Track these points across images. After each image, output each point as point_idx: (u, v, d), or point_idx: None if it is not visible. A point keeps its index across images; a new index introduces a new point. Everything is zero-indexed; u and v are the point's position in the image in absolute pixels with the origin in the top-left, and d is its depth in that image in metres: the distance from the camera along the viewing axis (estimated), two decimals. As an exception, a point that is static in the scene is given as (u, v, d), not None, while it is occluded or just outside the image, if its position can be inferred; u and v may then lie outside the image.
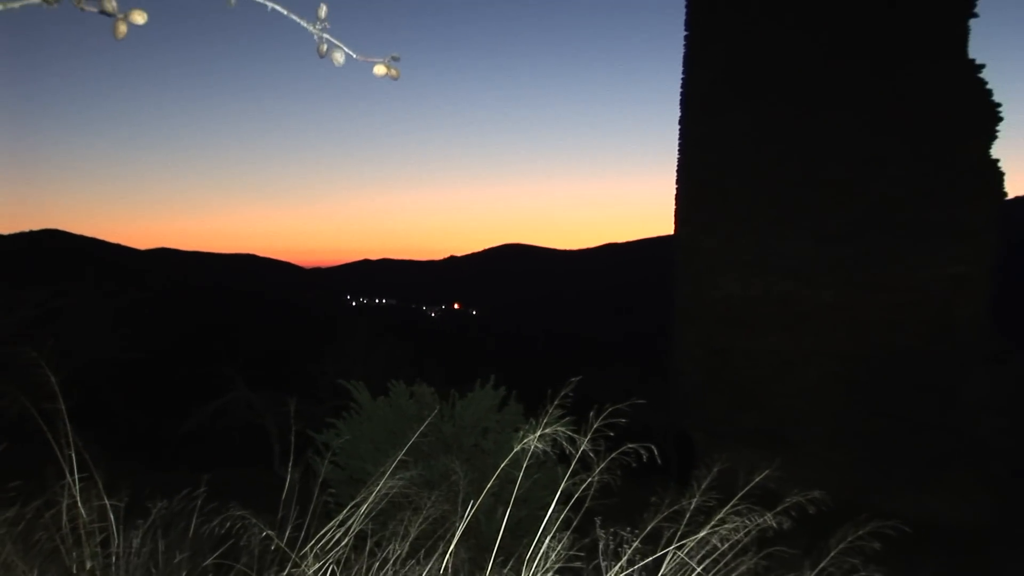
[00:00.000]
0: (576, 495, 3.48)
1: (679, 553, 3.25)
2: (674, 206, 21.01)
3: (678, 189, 20.88)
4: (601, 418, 3.55)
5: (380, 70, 2.07)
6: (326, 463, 5.32)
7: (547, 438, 3.54)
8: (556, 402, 3.70)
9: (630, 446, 3.55)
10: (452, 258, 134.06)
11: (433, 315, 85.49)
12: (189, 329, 44.21)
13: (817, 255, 18.75)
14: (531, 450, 3.52)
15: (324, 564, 3.28)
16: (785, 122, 19.00)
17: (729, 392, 19.40)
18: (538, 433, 3.53)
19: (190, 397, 26.81)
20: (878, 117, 18.42)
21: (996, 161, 18.26)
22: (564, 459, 3.59)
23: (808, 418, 18.56)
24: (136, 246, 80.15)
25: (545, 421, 3.56)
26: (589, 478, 3.49)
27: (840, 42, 18.73)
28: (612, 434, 3.53)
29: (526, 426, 3.62)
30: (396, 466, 3.77)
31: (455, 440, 8.14)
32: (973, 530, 15.86)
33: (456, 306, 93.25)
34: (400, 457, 3.91)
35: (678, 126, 20.86)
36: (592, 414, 3.57)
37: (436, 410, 7.72)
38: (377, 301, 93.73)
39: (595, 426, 3.53)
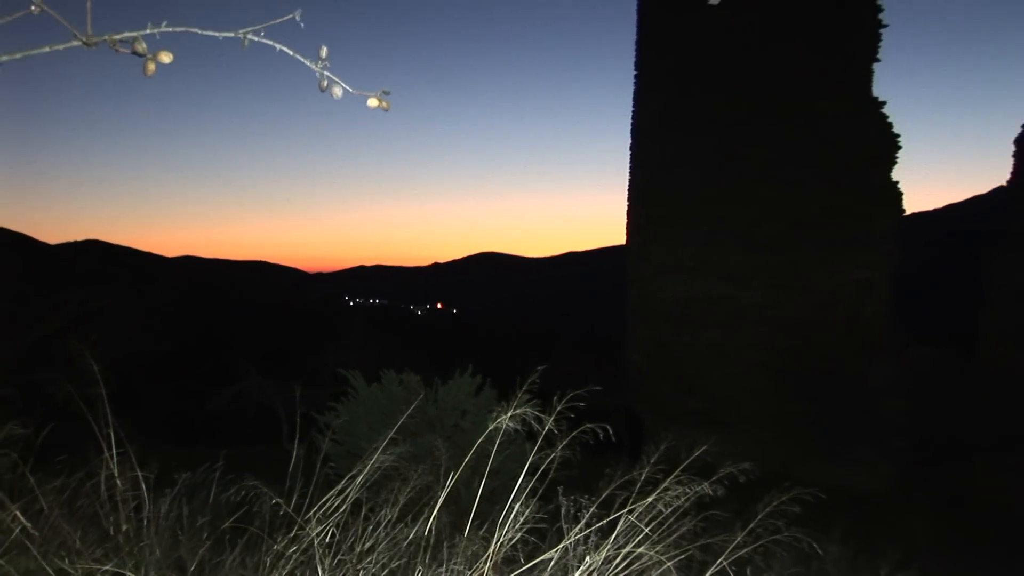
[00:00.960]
0: (542, 468, 3.48)
1: (630, 517, 3.25)
2: (626, 220, 21.04)
3: (629, 205, 20.91)
4: (563, 402, 3.55)
5: (373, 102, 2.06)
6: (327, 440, 5.29)
7: (517, 418, 3.54)
8: (524, 388, 3.69)
9: (588, 425, 3.55)
10: (435, 264, 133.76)
11: (419, 313, 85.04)
12: (209, 325, 43.83)
13: (746, 262, 18.85)
14: (503, 429, 3.52)
15: (325, 527, 3.27)
16: (720, 150, 19.08)
17: (673, 379, 19.44)
18: (509, 414, 3.52)
19: (210, 384, 26.65)
20: (798, 146, 18.56)
21: (896, 183, 18.46)
22: (531, 437, 3.58)
23: (739, 401, 18.64)
24: (164, 254, 79.06)
25: (515, 404, 3.55)
26: (553, 453, 3.49)
27: (767, 83, 18.85)
28: (572, 415, 3.54)
29: (499, 408, 3.60)
30: (387, 443, 3.76)
31: (438, 420, 8.12)
32: (876, 494, 15.98)
33: (439, 305, 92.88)
34: (391, 435, 3.90)
35: (629, 152, 20.90)
36: (555, 398, 3.57)
37: (421, 395, 7.70)
38: (371, 301, 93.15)
39: (558, 408, 3.53)
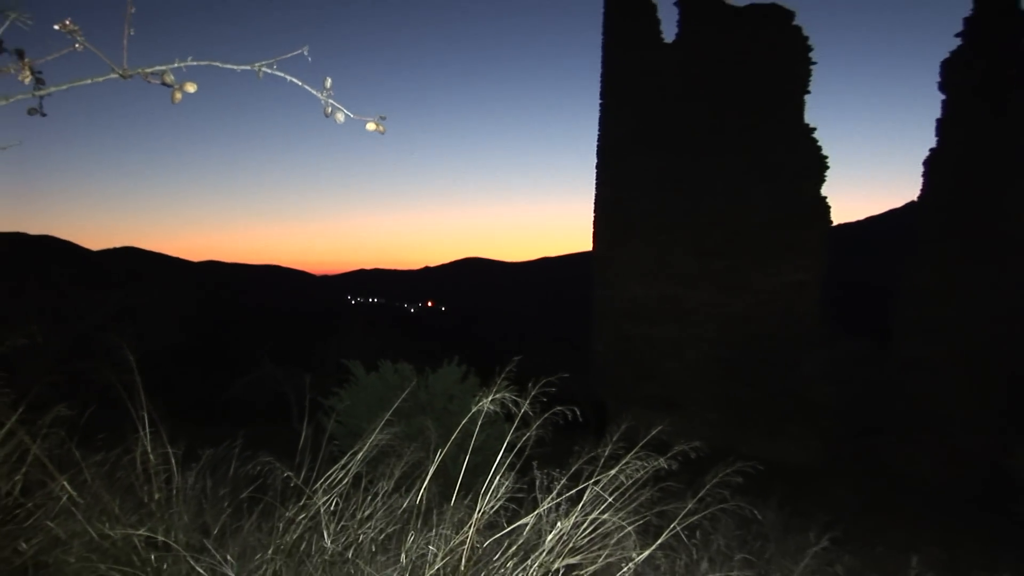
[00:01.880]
0: (518, 445, 3.48)
1: (595, 488, 3.26)
2: (592, 229, 21.09)
3: (595, 217, 20.96)
4: (537, 387, 3.56)
5: (371, 126, 2.06)
6: (332, 421, 5.27)
7: (497, 402, 3.54)
8: (503, 375, 3.70)
9: (559, 408, 3.55)
10: (427, 268, 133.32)
11: (412, 311, 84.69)
12: (229, 322, 43.53)
13: (696, 267, 18.96)
14: (485, 411, 3.52)
15: (330, 497, 3.26)
16: (674, 168, 19.17)
17: (632, 368, 19.50)
18: (490, 398, 3.52)
19: (230, 372, 26.49)
20: (741, 165, 18.70)
21: (825, 198, 18.62)
22: (510, 418, 3.58)
23: (690, 387, 18.73)
24: (190, 259, 78.50)
25: (495, 390, 3.56)
26: (528, 432, 3.49)
27: (714, 112, 18.97)
28: (545, 400, 3.54)
29: (481, 393, 3.60)
30: (384, 424, 3.75)
31: (428, 404, 8.11)
32: (807, 467, 16.10)
33: (430, 304, 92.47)
34: (387, 417, 3.89)
35: (596, 170, 20.96)
36: (530, 384, 3.57)
37: (414, 382, 7.69)
38: (370, 300, 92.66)
39: (533, 393, 3.53)
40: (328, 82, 1.98)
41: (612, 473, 3.31)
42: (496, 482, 3.22)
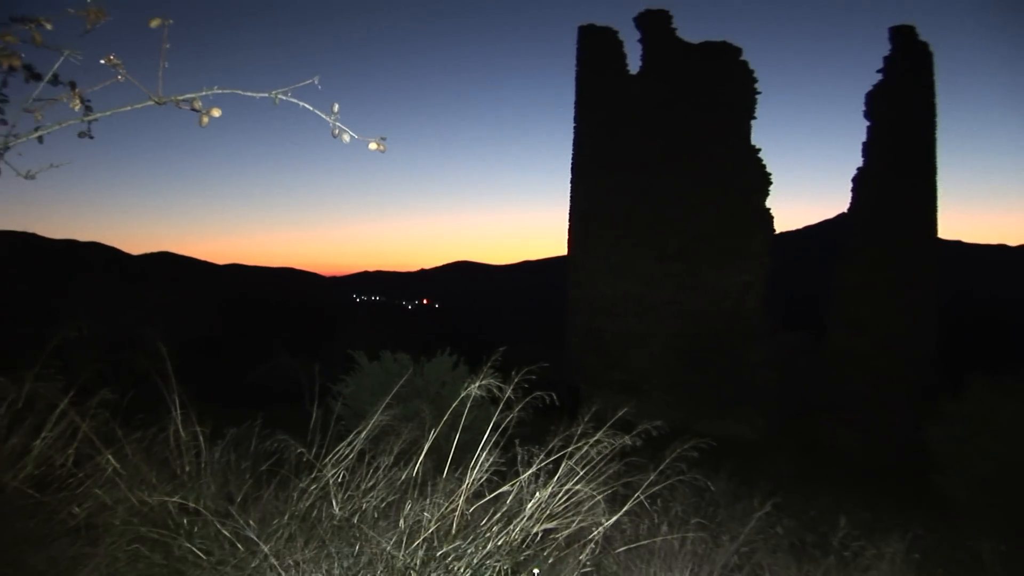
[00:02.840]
0: (503, 425, 3.48)
1: (569, 462, 3.27)
2: (567, 236, 21.12)
3: (570, 224, 20.98)
4: (519, 375, 3.57)
5: (373, 146, 2.07)
6: (339, 404, 5.25)
7: (484, 388, 3.55)
8: (489, 364, 3.70)
9: (538, 393, 3.56)
10: (422, 270, 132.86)
11: (410, 308, 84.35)
12: (250, 317, 43.17)
13: (658, 268, 19.02)
14: (473, 395, 3.53)
15: (338, 470, 3.25)
16: (639, 182, 19.22)
17: (602, 357, 19.53)
18: (478, 384, 3.53)
19: (251, 361, 26.35)
20: (697, 180, 18.79)
21: (769, 209, 18.77)
22: (495, 402, 3.59)
23: (652, 374, 18.78)
24: (216, 262, 77.89)
25: (482, 376, 3.56)
26: (511, 414, 3.50)
27: (674, 133, 19.05)
28: (526, 386, 3.55)
29: (470, 380, 3.61)
30: (384, 406, 3.74)
31: (424, 389, 8.08)
32: (753, 443, 16.18)
33: (425, 302, 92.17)
34: (387, 400, 3.88)
35: (570, 183, 21.02)
36: (513, 372, 3.58)
37: (411, 370, 7.67)
38: (373, 299, 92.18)
39: (515, 380, 3.54)
40: (336, 107, 1.99)
41: (584, 449, 3.32)
42: (483, 457, 3.23)
